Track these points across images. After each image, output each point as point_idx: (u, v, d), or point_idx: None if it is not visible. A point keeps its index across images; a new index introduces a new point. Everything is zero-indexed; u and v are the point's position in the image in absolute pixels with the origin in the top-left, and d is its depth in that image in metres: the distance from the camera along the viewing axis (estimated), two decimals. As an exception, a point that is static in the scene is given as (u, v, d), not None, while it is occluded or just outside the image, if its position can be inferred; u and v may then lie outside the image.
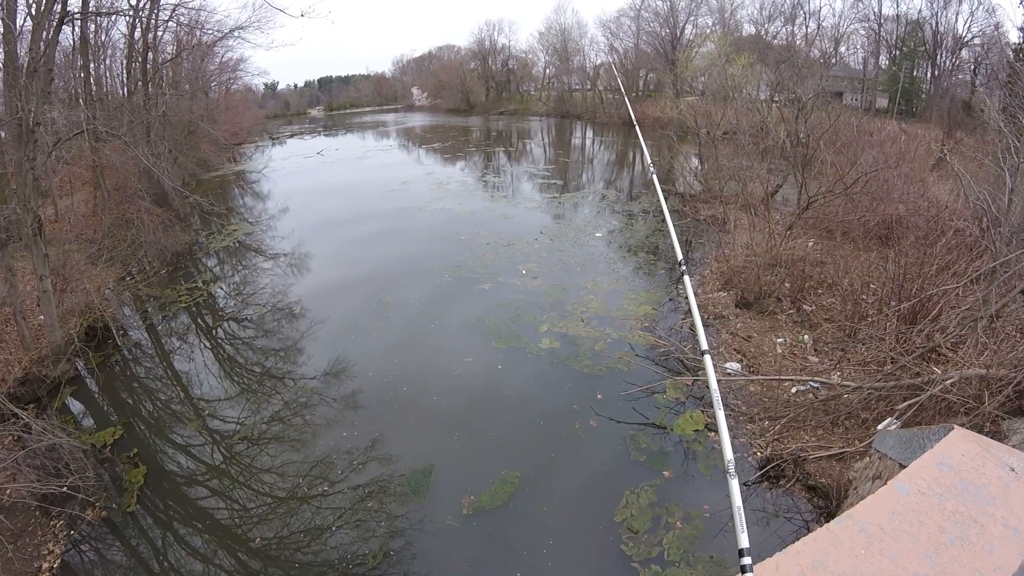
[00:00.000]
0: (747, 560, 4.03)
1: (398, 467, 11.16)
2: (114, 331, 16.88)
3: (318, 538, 9.65)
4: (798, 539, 4.87)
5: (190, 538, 9.86)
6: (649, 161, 11.36)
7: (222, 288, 22.05)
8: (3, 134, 15.70)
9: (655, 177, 9.84)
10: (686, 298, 7.92)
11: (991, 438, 6.25)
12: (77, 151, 30.20)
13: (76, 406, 14.14)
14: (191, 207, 30.91)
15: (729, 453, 4.61)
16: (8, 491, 9.85)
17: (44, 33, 14.77)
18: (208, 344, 17.39)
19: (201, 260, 25.68)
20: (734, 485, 4.41)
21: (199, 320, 19.21)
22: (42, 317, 15.47)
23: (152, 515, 10.38)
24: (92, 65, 31.89)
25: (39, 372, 14.27)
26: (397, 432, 12.26)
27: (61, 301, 15.96)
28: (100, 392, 14.70)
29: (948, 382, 9.17)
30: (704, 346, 6.11)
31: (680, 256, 7.21)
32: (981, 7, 49.33)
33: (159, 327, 18.50)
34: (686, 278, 7.15)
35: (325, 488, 10.76)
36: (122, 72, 36.99)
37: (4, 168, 14.98)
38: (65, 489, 9.94)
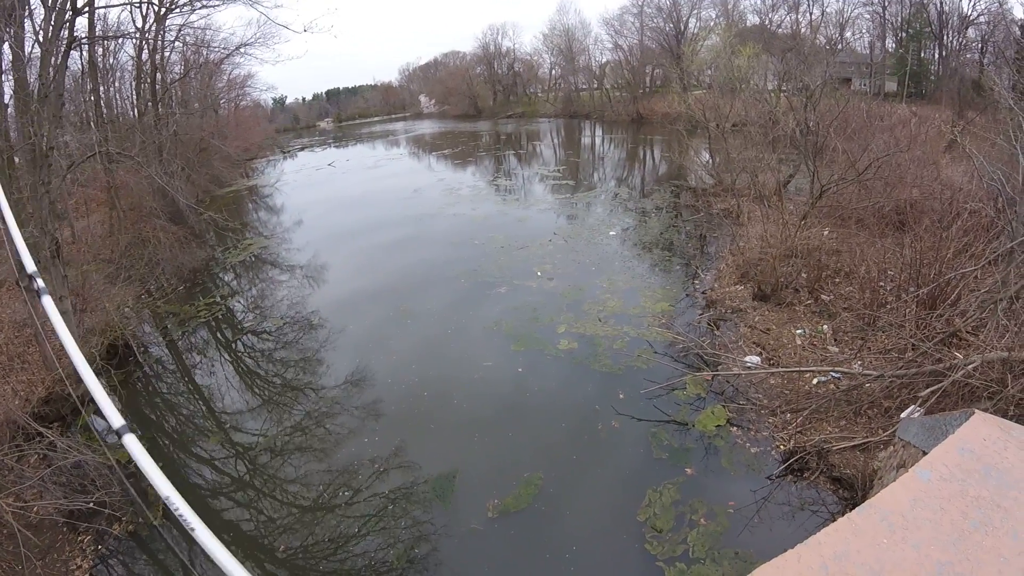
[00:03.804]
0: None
1: (421, 473, 11.17)
2: (135, 348, 17.04)
3: (343, 546, 9.70)
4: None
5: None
6: None
7: (240, 302, 22.24)
8: (18, 159, 15.94)
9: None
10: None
11: (1016, 421, 6.15)
12: (91, 173, 30.61)
13: (100, 423, 14.25)
14: (206, 223, 31.21)
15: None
16: (36, 508, 9.98)
17: (53, 59, 15.02)
18: (228, 358, 17.55)
19: (218, 275, 25.95)
20: None
21: (218, 335, 19.40)
22: (64, 337, 15.64)
23: (178, 528, 10.42)
24: (102, 88, 32.29)
25: (62, 391, 14.45)
26: (419, 438, 12.27)
27: (81, 321, 16.15)
28: (123, 409, 14.81)
29: (970, 367, 9.04)
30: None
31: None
32: (985, -17, 48.88)
33: (179, 343, 18.72)
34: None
35: (349, 496, 10.81)
36: (132, 94, 37.51)
37: (20, 192, 15.18)
38: (92, 505, 10.10)
